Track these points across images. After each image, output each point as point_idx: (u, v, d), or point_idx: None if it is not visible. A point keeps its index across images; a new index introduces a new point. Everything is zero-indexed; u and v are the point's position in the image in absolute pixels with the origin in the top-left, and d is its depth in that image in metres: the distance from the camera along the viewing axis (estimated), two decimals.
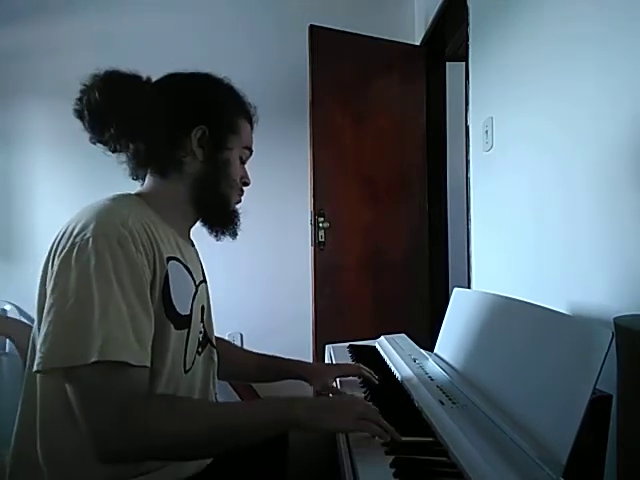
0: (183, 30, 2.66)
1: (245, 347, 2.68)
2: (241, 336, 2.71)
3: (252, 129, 0.92)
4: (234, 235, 0.91)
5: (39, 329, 0.66)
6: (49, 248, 0.70)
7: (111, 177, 0.84)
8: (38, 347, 0.63)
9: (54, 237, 0.71)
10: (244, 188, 0.93)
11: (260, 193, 0.86)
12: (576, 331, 0.71)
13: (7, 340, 2.10)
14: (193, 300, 0.80)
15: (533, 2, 1.36)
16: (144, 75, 0.82)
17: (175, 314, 0.74)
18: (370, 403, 0.83)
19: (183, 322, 0.76)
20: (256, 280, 2.68)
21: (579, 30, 1.13)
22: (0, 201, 2.63)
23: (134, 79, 0.80)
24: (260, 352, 1.13)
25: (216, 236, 0.91)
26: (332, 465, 0.77)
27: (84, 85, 0.77)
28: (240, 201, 0.92)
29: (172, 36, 2.63)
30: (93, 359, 0.60)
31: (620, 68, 0.98)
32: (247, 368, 1.10)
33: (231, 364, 1.06)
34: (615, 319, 0.74)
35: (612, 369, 0.71)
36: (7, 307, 2.51)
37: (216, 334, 1.10)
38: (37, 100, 2.62)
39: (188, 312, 0.78)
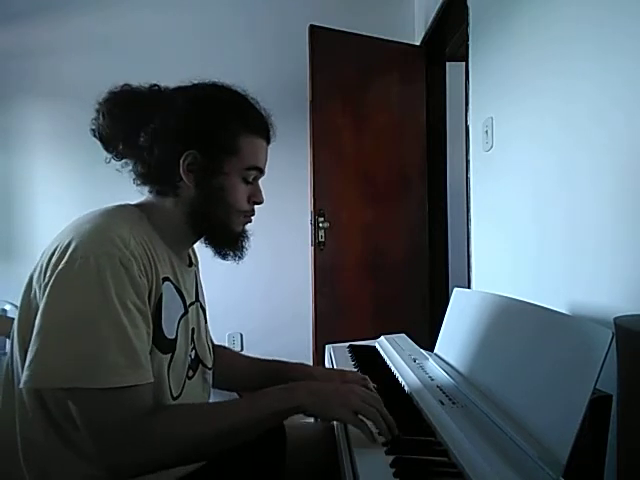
0: (183, 30, 2.66)
1: (245, 347, 2.70)
2: (241, 336, 2.71)
3: (268, 142, 0.86)
4: (238, 257, 0.87)
5: (19, 342, 0.67)
6: (41, 258, 0.69)
7: (111, 177, 0.84)
8: (28, 362, 0.61)
9: (48, 248, 0.69)
10: (256, 207, 0.87)
11: None
12: (576, 331, 0.71)
13: (7, 340, 2.10)
14: (179, 323, 0.79)
15: (533, 2, 1.36)
16: (154, 86, 0.80)
17: (162, 337, 0.73)
18: (372, 391, 0.83)
19: (169, 346, 0.75)
20: (256, 280, 2.69)
21: (579, 30, 1.13)
22: (0, 201, 2.63)
23: (137, 100, 0.78)
24: (261, 357, 1.08)
25: (220, 257, 0.87)
26: (332, 465, 0.77)
27: (97, 104, 0.78)
28: (249, 222, 0.87)
29: (172, 36, 2.64)
30: (96, 386, 0.61)
31: (620, 67, 0.98)
32: (252, 377, 1.06)
33: (236, 374, 1.05)
34: (615, 319, 0.74)
35: (612, 369, 0.71)
36: (7, 307, 2.51)
37: (217, 336, 1.10)
38: (37, 100, 2.62)
39: (174, 335, 0.77)
